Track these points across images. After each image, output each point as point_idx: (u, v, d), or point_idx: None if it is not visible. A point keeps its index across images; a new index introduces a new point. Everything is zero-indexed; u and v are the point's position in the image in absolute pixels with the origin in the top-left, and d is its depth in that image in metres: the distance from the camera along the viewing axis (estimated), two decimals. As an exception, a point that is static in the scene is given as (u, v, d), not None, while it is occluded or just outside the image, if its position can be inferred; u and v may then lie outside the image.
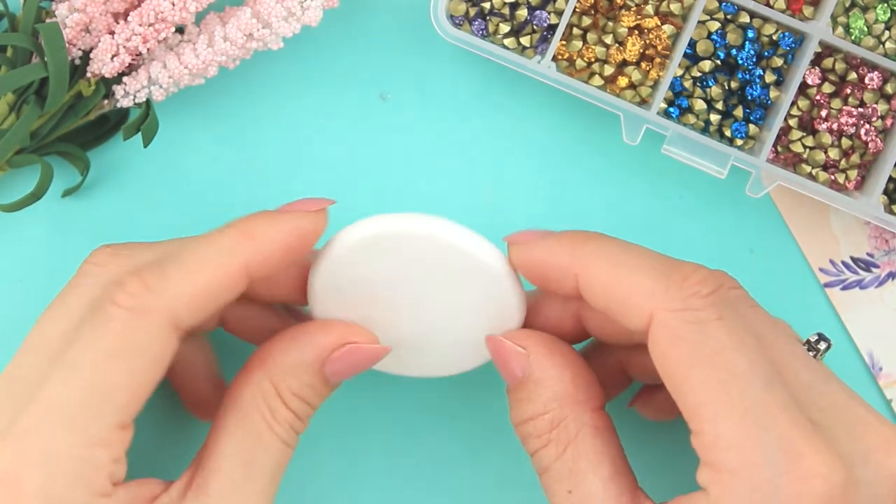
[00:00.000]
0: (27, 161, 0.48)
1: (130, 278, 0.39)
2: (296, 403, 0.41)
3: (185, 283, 0.39)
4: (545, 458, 0.41)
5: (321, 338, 0.42)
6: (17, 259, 0.51)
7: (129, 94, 0.48)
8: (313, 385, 0.42)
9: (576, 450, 0.41)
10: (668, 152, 0.48)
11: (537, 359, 0.42)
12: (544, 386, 0.42)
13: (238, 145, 0.51)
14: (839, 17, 0.49)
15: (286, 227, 0.41)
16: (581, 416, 0.41)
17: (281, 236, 0.41)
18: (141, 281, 0.39)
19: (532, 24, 0.49)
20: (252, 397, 0.41)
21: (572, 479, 0.41)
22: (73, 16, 0.46)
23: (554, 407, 0.42)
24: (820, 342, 0.44)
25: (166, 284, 0.39)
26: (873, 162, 0.49)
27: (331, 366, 0.42)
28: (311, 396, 0.42)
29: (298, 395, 0.41)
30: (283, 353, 0.42)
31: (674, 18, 0.49)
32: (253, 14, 0.47)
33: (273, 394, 0.41)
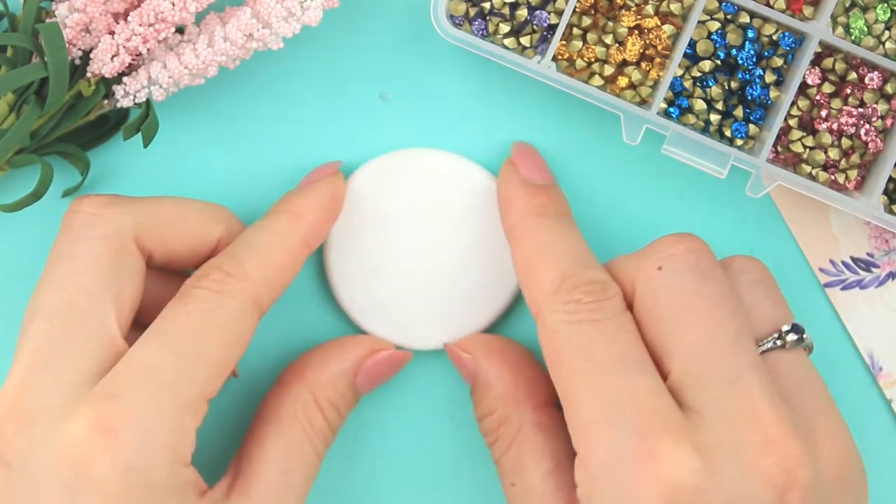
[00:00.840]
0: (27, 161, 0.48)
1: (210, 269, 0.42)
2: (331, 413, 0.45)
3: (260, 267, 0.43)
4: (495, 454, 0.45)
5: (355, 348, 0.46)
6: (17, 259, 0.51)
7: (129, 94, 0.48)
8: (346, 395, 0.46)
9: (519, 446, 0.44)
10: (668, 152, 0.48)
11: (479, 362, 0.46)
12: (489, 387, 0.45)
13: (238, 145, 0.51)
14: (839, 17, 0.49)
15: (320, 197, 0.46)
16: (522, 414, 0.44)
17: (321, 206, 0.46)
18: (221, 270, 0.42)
19: (532, 24, 0.49)
20: (293, 408, 0.44)
21: (516, 473, 0.43)
22: (73, 16, 0.46)
23: (499, 406, 0.45)
24: (790, 333, 0.43)
25: (245, 271, 0.42)
26: (873, 162, 0.49)
27: (363, 375, 0.46)
28: (344, 406, 0.46)
29: (335, 405, 0.45)
30: (322, 366, 0.45)
31: (674, 18, 0.49)
32: (253, 14, 0.46)
33: (312, 405, 0.44)
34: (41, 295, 0.43)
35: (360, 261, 0.50)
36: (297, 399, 0.44)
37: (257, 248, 0.43)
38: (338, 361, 0.46)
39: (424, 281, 0.49)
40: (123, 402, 0.39)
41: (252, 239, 0.44)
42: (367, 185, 0.50)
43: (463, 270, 0.50)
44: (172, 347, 0.40)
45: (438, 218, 0.50)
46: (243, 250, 0.43)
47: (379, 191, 0.50)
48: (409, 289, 0.49)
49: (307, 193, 0.46)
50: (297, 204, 0.46)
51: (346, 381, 0.45)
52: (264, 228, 0.45)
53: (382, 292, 0.49)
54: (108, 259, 0.42)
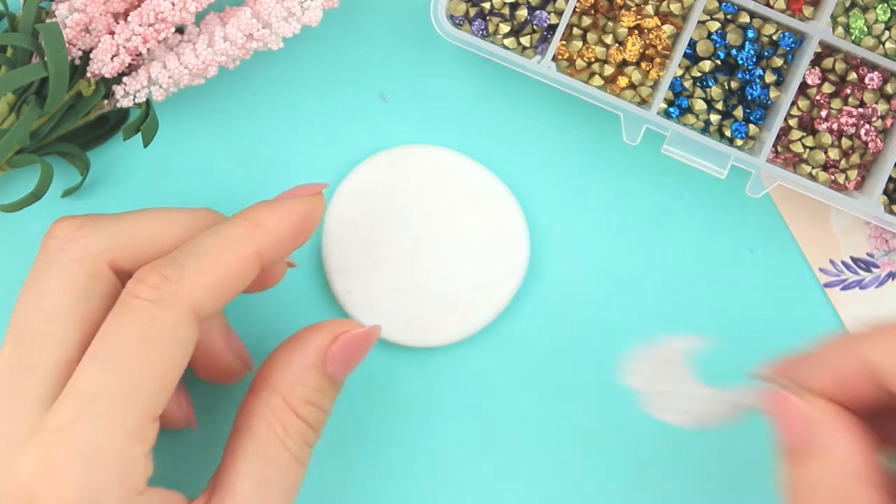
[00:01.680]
0: (27, 161, 0.48)
1: (149, 273, 0.40)
2: (307, 411, 0.42)
3: (203, 274, 0.40)
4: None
5: (316, 338, 0.43)
6: (17, 259, 0.51)
7: (129, 94, 0.48)
8: (321, 387, 0.43)
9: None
10: (668, 152, 0.48)
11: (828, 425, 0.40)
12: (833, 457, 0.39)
13: (238, 145, 0.51)
14: (839, 17, 0.49)
15: (290, 213, 0.43)
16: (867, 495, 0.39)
17: (286, 221, 0.43)
18: (159, 274, 0.40)
19: (532, 24, 0.49)
20: (262, 416, 0.42)
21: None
22: (73, 16, 0.46)
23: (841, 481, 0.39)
24: None
25: (184, 276, 0.40)
26: (873, 162, 0.49)
27: (332, 362, 0.43)
28: (322, 399, 0.43)
29: (310, 402, 0.42)
30: (286, 365, 0.43)
31: (674, 18, 0.49)
32: (253, 14, 0.46)
33: (283, 408, 0.42)
34: (12, 317, 0.42)
35: (359, 256, 0.50)
36: (266, 404, 0.42)
37: (203, 252, 0.41)
38: (301, 356, 0.43)
39: (423, 277, 0.49)
40: (66, 438, 0.38)
41: (201, 242, 0.41)
42: (367, 181, 0.50)
43: (462, 267, 0.50)
44: (111, 370, 0.39)
45: (438, 214, 0.50)
46: (187, 253, 0.41)
47: (378, 186, 0.50)
48: (407, 285, 0.49)
49: (275, 205, 0.43)
50: (260, 213, 0.43)
51: (315, 374, 0.43)
52: (217, 233, 0.42)
53: (380, 288, 0.49)
54: (79, 283, 0.41)
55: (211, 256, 0.41)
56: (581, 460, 0.50)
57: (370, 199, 0.50)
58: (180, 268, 0.40)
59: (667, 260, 0.51)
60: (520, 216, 0.50)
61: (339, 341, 0.43)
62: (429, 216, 0.50)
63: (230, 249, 0.41)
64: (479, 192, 0.50)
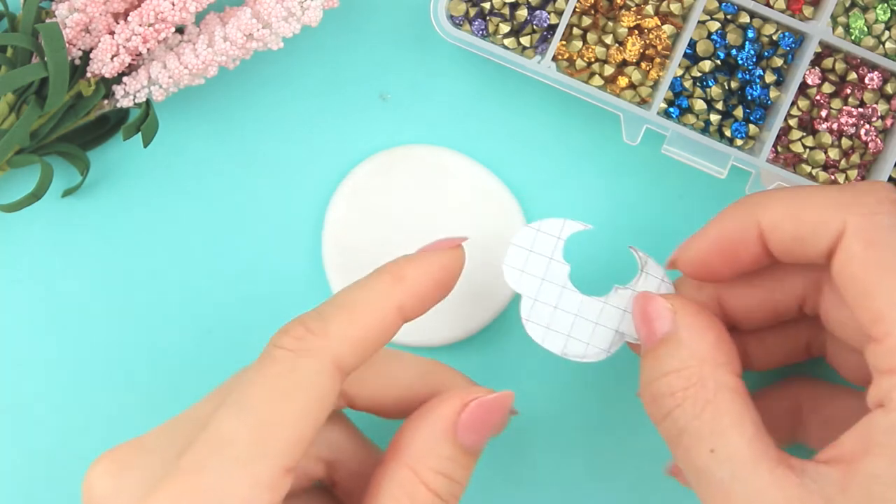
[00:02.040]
0: (27, 161, 0.48)
1: (293, 325, 0.40)
2: (438, 482, 0.41)
3: (345, 326, 0.40)
4: (681, 418, 0.40)
5: (445, 406, 0.42)
6: (17, 259, 0.51)
7: (129, 94, 0.48)
8: (453, 457, 0.41)
9: (716, 408, 0.40)
10: (668, 152, 0.48)
11: (683, 317, 0.42)
12: (685, 344, 0.41)
13: (238, 145, 0.51)
14: (839, 17, 0.49)
15: (432, 266, 0.42)
16: (721, 377, 0.40)
17: (428, 275, 0.42)
18: (303, 326, 0.40)
19: (532, 24, 0.49)
20: (389, 490, 0.40)
21: (714, 438, 0.39)
22: (73, 16, 0.46)
23: (692, 364, 0.41)
24: None
25: (328, 328, 0.40)
26: (873, 162, 0.49)
27: (463, 431, 0.41)
28: (454, 470, 0.41)
29: (441, 473, 0.41)
30: (412, 436, 0.41)
31: (674, 18, 0.49)
32: (253, 14, 0.47)
33: (412, 480, 0.41)
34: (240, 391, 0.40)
35: (358, 256, 0.50)
36: (392, 479, 0.40)
37: (348, 306, 0.41)
38: (429, 425, 0.41)
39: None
40: (196, 482, 0.37)
41: (345, 296, 0.41)
42: (367, 180, 0.50)
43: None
44: (245, 417, 0.38)
45: (438, 214, 0.50)
46: (332, 307, 0.41)
47: (379, 186, 0.50)
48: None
49: (417, 259, 0.43)
50: (402, 267, 0.42)
51: (447, 444, 0.41)
52: (361, 287, 0.42)
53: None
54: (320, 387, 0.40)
55: (355, 310, 0.41)
56: (581, 460, 0.50)
57: (370, 199, 0.50)
58: (324, 320, 0.40)
59: (667, 260, 0.51)
60: (520, 216, 0.50)
61: (468, 409, 0.42)
62: (429, 216, 0.50)
63: (374, 303, 0.41)
64: (479, 192, 0.50)
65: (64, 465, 0.51)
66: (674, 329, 0.42)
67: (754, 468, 0.38)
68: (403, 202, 0.50)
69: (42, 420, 0.51)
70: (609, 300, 0.45)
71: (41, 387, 0.51)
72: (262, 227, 0.51)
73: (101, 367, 0.51)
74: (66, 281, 0.51)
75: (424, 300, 0.42)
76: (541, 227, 0.44)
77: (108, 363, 0.51)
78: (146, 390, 0.51)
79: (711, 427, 0.40)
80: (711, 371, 0.41)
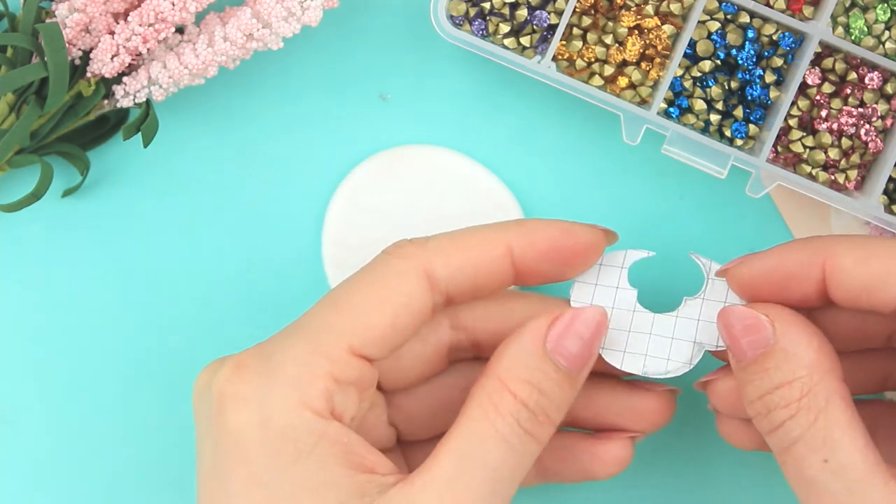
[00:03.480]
0: (27, 161, 0.48)
1: (400, 240, 0.43)
2: (525, 391, 0.40)
3: (445, 243, 0.42)
4: (794, 429, 0.39)
5: (534, 322, 0.41)
6: (17, 259, 0.51)
7: (129, 94, 0.48)
8: (543, 369, 0.41)
9: (827, 418, 0.39)
10: (668, 152, 0.48)
11: (784, 327, 0.41)
12: (792, 354, 0.40)
13: (238, 145, 0.51)
14: (839, 17, 0.49)
15: (557, 226, 0.43)
16: (830, 384, 0.40)
17: (550, 231, 0.43)
18: (407, 239, 0.43)
19: (532, 24, 0.49)
20: (477, 398, 0.40)
21: (827, 448, 0.39)
22: (73, 16, 0.46)
23: (803, 374, 0.40)
24: None
25: (428, 241, 0.42)
26: (873, 162, 0.49)
27: (554, 346, 0.41)
28: (544, 382, 0.41)
29: (529, 382, 0.40)
30: (505, 350, 0.41)
31: (674, 18, 0.49)
32: (253, 14, 0.47)
33: (499, 388, 0.40)
34: None
35: (359, 255, 0.49)
36: (482, 388, 0.40)
37: (457, 231, 0.43)
38: (519, 340, 0.41)
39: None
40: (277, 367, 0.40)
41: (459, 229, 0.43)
42: (367, 180, 0.50)
43: None
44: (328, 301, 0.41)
45: (438, 214, 0.50)
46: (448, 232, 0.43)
47: (379, 186, 0.50)
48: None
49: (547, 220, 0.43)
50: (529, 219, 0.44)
51: (536, 355, 0.40)
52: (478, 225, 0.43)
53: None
54: None
55: (461, 234, 0.42)
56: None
57: (370, 199, 0.50)
58: (426, 239, 0.42)
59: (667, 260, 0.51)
60: (519, 216, 0.50)
61: (556, 321, 0.41)
62: (429, 216, 0.50)
63: (480, 232, 0.42)
64: (479, 192, 0.50)
65: (64, 465, 0.51)
66: (776, 339, 0.41)
67: (869, 481, 0.38)
68: (403, 202, 0.50)
69: (42, 420, 0.51)
70: (681, 313, 0.44)
71: (40, 387, 0.51)
72: (262, 226, 0.51)
73: (100, 367, 0.51)
74: (66, 281, 0.51)
75: (540, 257, 0.42)
76: (603, 260, 0.44)
77: (107, 362, 0.51)
78: (146, 390, 0.51)
79: (824, 436, 0.39)
80: (821, 378, 0.40)
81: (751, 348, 0.41)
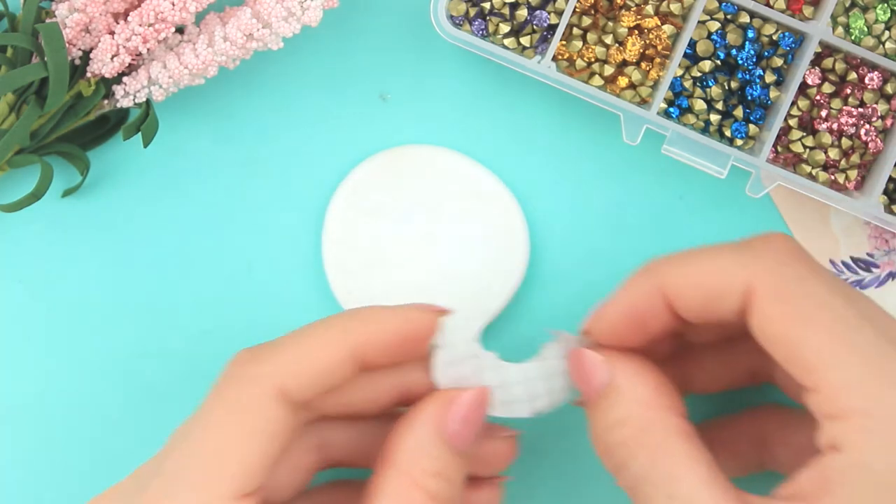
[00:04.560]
0: (27, 161, 0.48)
1: (242, 352, 0.41)
2: (436, 484, 0.41)
3: (293, 354, 0.40)
4: (634, 467, 0.40)
5: (430, 408, 0.42)
6: (17, 259, 0.51)
7: (129, 94, 0.48)
8: (445, 457, 0.41)
9: (667, 453, 0.40)
10: (668, 152, 0.48)
11: (618, 365, 0.42)
12: (626, 393, 0.41)
13: (238, 145, 0.51)
14: (839, 17, 0.49)
15: (398, 317, 0.42)
16: (668, 420, 0.40)
17: (392, 324, 0.42)
18: (251, 353, 0.40)
19: (532, 24, 0.49)
20: (384, 495, 0.40)
21: (670, 483, 0.39)
22: (73, 16, 0.46)
23: (639, 411, 0.41)
24: None
25: (274, 355, 0.40)
26: (873, 162, 0.49)
27: (449, 430, 0.41)
28: (450, 470, 0.41)
29: (435, 474, 0.41)
30: (403, 441, 0.41)
31: (674, 18, 0.49)
32: (253, 14, 0.47)
33: (406, 484, 0.40)
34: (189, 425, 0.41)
35: (359, 256, 0.50)
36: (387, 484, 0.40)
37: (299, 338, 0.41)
38: (418, 430, 0.41)
39: (423, 277, 0.49)
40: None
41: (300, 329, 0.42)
42: (367, 181, 0.50)
43: (461, 267, 0.50)
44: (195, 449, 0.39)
45: (438, 214, 0.50)
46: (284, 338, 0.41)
47: (379, 185, 0.50)
48: (407, 285, 0.49)
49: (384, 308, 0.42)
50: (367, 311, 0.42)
51: (437, 445, 0.41)
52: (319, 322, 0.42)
53: (380, 288, 0.49)
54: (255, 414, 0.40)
55: (305, 342, 0.41)
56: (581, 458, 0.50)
57: (370, 199, 0.50)
58: (272, 349, 0.40)
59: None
60: (520, 216, 0.50)
61: (453, 408, 0.41)
62: (428, 216, 0.50)
63: (324, 338, 0.41)
64: (479, 192, 0.50)
65: (63, 464, 0.51)
66: (611, 379, 0.42)
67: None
68: (403, 202, 0.50)
69: (41, 420, 0.51)
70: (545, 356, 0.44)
71: (40, 387, 0.51)
72: (262, 226, 0.51)
73: (100, 367, 0.51)
74: (66, 281, 0.51)
75: (382, 350, 0.41)
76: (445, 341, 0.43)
77: (107, 363, 0.51)
78: (146, 390, 0.51)
79: (667, 473, 0.39)
80: (658, 415, 0.41)
81: (591, 389, 0.42)
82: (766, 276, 0.39)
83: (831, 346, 0.38)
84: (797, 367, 0.39)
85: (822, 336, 0.38)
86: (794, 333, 0.39)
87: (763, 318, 0.39)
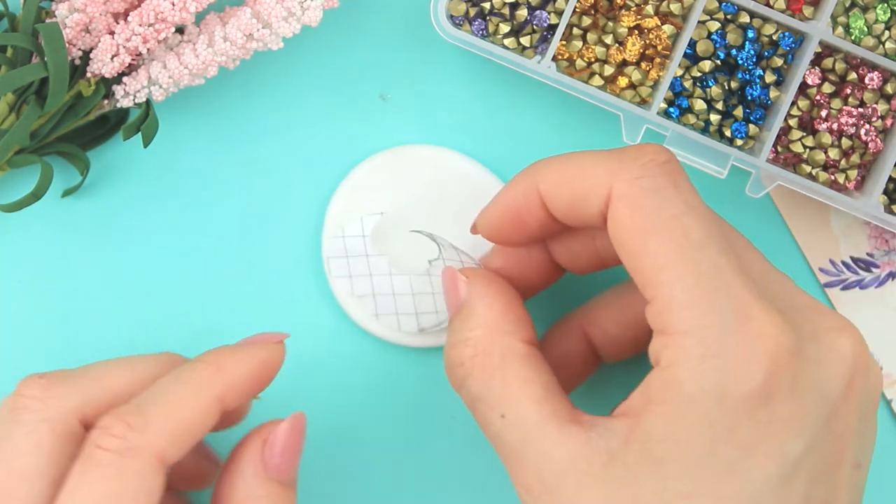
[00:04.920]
0: (27, 161, 0.48)
1: (113, 422, 0.39)
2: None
3: (166, 420, 0.39)
4: (473, 386, 0.42)
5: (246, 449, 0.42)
6: (17, 259, 0.51)
7: (129, 94, 0.48)
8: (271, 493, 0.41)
9: (504, 375, 0.41)
10: (668, 152, 0.48)
11: (474, 287, 0.43)
12: (475, 313, 0.43)
13: (238, 145, 0.51)
14: (839, 17, 0.49)
15: (252, 360, 0.42)
16: (508, 344, 0.42)
17: (247, 367, 0.42)
18: (124, 423, 0.39)
19: (532, 24, 0.49)
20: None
21: (504, 403, 0.41)
22: (73, 16, 0.46)
23: (481, 333, 0.42)
24: None
25: (148, 423, 0.39)
26: (873, 162, 0.49)
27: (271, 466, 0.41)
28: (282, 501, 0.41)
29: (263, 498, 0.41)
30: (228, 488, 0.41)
31: (674, 18, 0.49)
32: (253, 14, 0.47)
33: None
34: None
35: (359, 256, 0.50)
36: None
37: (166, 398, 0.40)
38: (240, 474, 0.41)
39: (423, 277, 0.49)
40: None
41: (163, 387, 0.40)
42: (367, 181, 0.50)
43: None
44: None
45: (438, 214, 0.50)
46: (151, 400, 0.40)
47: (378, 186, 0.50)
48: (407, 285, 0.50)
49: (237, 351, 0.42)
50: (222, 358, 0.42)
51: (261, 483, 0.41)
52: (179, 378, 0.41)
53: (380, 288, 0.49)
54: (48, 444, 0.39)
55: (174, 402, 0.40)
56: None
57: (370, 199, 0.50)
58: (143, 415, 0.39)
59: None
60: None
61: (268, 443, 0.41)
62: (428, 216, 0.50)
63: (193, 394, 0.40)
64: (478, 192, 0.50)
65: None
66: (467, 299, 0.43)
67: (542, 429, 0.40)
68: (403, 202, 0.50)
69: (42, 420, 0.51)
70: (431, 272, 0.46)
71: (41, 387, 0.51)
72: (262, 226, 0.51)
73: (101, 367, 0.51)
74: (66, 281, 0.51)
75: (243, 392, 0.41)
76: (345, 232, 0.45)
77: (108, 363, 0.51)
78: (146, 390, 0.51)
79: (500, 393, 0.41)
80: (499, 338, 0.42)
81: (452, 307, 0.44)
82: (625, 184, 0.40)
83: (669, 261, 0.39)
84: (638, 277, 0.39)
85: (662, 249, 0.39)
86: (638, 243, 0.39)
87: (614, 224, 0.40)
